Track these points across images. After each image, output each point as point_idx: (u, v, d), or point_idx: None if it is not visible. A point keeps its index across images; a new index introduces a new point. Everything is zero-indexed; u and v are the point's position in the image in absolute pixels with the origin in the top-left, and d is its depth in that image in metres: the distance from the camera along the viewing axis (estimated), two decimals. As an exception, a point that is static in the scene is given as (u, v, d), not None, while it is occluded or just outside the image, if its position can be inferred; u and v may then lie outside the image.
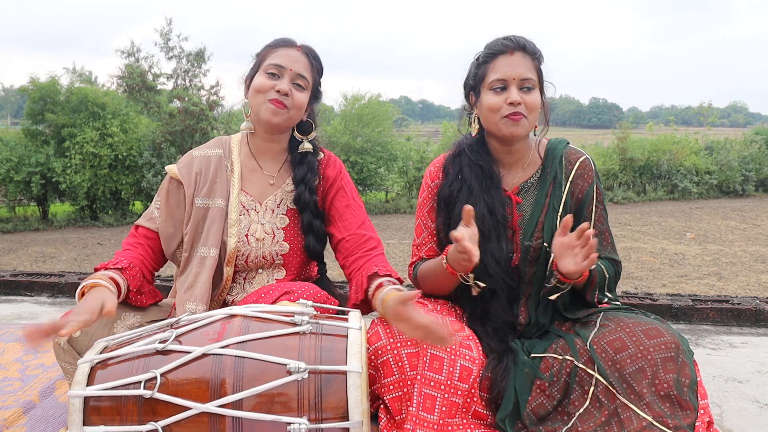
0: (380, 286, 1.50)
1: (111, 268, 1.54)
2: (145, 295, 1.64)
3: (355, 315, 1.31)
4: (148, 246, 1.70)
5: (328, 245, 1.81)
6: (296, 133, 1.76)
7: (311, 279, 1.85)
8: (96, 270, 1.54)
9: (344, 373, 1.15)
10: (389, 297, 1.41)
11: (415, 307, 1.36)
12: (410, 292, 1.36)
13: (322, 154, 1.80)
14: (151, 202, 1.83)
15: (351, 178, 1.85)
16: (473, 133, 1.70)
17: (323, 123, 11.65)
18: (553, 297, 1.57)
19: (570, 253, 1.45)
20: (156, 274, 1.77)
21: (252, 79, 1.69)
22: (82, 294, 1.43)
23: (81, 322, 1.23)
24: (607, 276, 1.61)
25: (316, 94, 1.76)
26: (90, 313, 1.27)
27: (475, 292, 1.57)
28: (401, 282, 1.56)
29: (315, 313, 1.28)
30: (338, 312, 1.47)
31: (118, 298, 1.47)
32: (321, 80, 1.76)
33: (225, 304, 1.72)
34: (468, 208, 1.44)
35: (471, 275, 1.55)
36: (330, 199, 1.77)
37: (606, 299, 1.63)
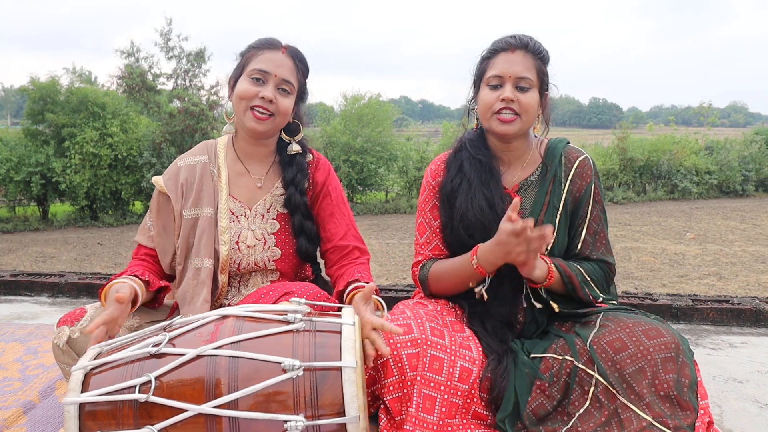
0: (355, 289, 1.53)
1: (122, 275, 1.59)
2: (165, 291, 1.68)
3: (348, 311, 1.31)
4: (153, 262, 1.72)
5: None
6: (284, 135, 1.74)
7: (307, 280, 1.84)
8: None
9: (339, 368, 1.14)
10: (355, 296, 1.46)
11: (368, 308, 1.38)
12: (369, 286, 1.40)
13: (311, 156, 1.79)
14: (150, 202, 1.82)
15: (339, 181, 1.84)
16: (474, 128, 1.71)
17: (323, 123, 11.64)
18: (538, 305, 1.60)
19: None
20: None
21: (236, 80, 1.66)
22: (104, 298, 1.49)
23: (106, 315, 1.34)
24: (591, 278, 1.60)
25: (302, 96, 1.73)
26: (114, 308, 1.37)
27: (478, 295, 1.59)
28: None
29: (308, 310, 1.28)
30: (331, 309, 1.47)
31: (138, 297, 1.54)
32: (307, 81, 1.73)
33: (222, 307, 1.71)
34: (516, 200, 1.44)
35: (488, 279, 1.57)
36: (318, 205, 1.76)
37: (602, 299, 1.62)
